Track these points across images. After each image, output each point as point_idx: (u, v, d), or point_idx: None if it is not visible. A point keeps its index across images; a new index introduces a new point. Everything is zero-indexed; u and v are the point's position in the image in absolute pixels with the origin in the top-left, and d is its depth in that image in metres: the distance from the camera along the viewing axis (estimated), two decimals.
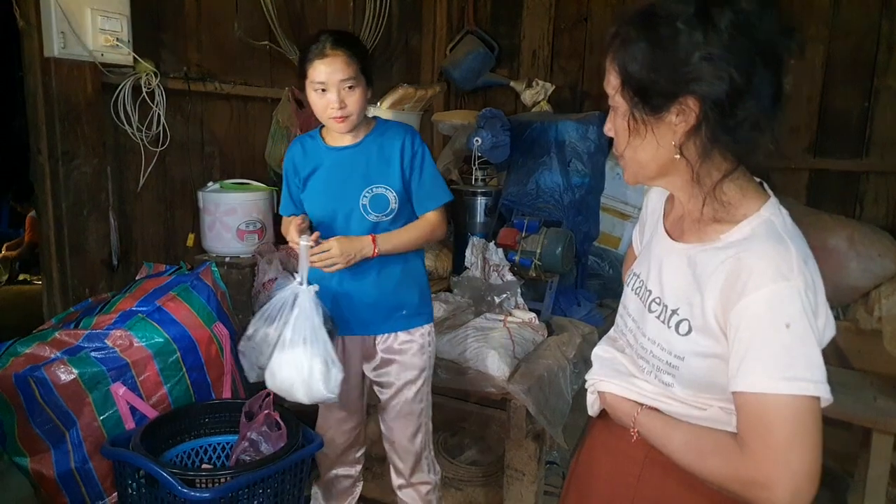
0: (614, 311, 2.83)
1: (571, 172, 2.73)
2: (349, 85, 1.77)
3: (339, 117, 1.79)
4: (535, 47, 4.17)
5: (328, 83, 1.76)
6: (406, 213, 1.92)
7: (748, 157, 0.95)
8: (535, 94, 3.69)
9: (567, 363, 2.28)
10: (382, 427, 2.07)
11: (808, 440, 0.86)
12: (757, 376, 0.87)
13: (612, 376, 1.12)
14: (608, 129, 1.04)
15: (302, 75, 1.82)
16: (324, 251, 1.79)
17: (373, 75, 1.85)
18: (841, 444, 2.56)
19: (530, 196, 2.78)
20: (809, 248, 0.94)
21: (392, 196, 1.87)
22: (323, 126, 1.93)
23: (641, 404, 1.07)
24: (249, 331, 1.83)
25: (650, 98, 0.94)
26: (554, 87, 3.89)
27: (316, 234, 1.81)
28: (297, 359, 1.75)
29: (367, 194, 1.85)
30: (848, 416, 2.22)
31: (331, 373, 1.78)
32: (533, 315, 2.41)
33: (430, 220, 1.93)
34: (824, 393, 0.87)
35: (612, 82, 0.99)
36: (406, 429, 2.02)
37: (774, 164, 1.01)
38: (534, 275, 2.61)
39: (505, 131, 2.81)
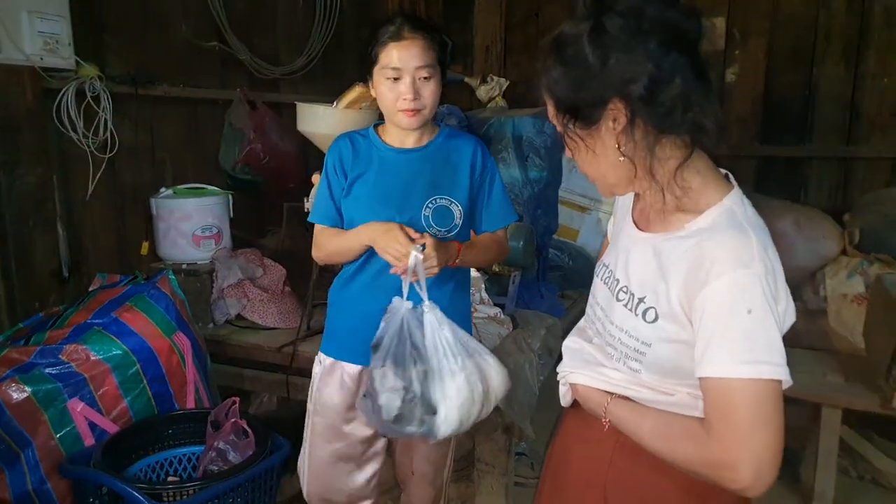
0: (576, 301, 2.90)
1: (529, 167, 2.75)
2: (425, 74, 1.56)
3: (412, 110, 1.57)
4: (487, 43, 4.19)
5: (403, 70, 1.55)
6: (465, 232, 1.70)
7: (697, 137, 0.97)
8: (490, 89, 3.70)
9: (533, 355, 2.30)
10: (401, 459, 1.87)
11: (770, 422, 0.89)
12: (720, 362, 0.90)
13: (581, 367, 1.15)
14: (567, 153, 1.08)
15: (370, 61, 1.60)
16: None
17: (447, 70, 1.65)
18: (792, 419, 2.66)
19: None
20: (770, 236, 0.97)
21: (457, 211, 1.65)
22: (378, 124, 1.72)
23: (611, 394, 1.09)
24: (373, 386, 1.46)
25: (580, 114, 0.98)
26: (508, 82, 3.91)
27: (426, 238, 1.50)
28: (470, 379, 1.44)
29: (430, 205, 1.63)
30: (799, 392, 2.31)
31: (497, 364, 1.51)
32: (498, 310, 2.42)
33: (501, 240, 1.76)
34: (784, 376, 0.90)
35: (549, 111, 1.04)
36: (436, 460, 1.85)
37: (724, 152, 1.05)
38: (497, 269, 2.62)
39: (462, 127, 2.81)
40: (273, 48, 3.30)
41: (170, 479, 1.96)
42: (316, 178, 2.24)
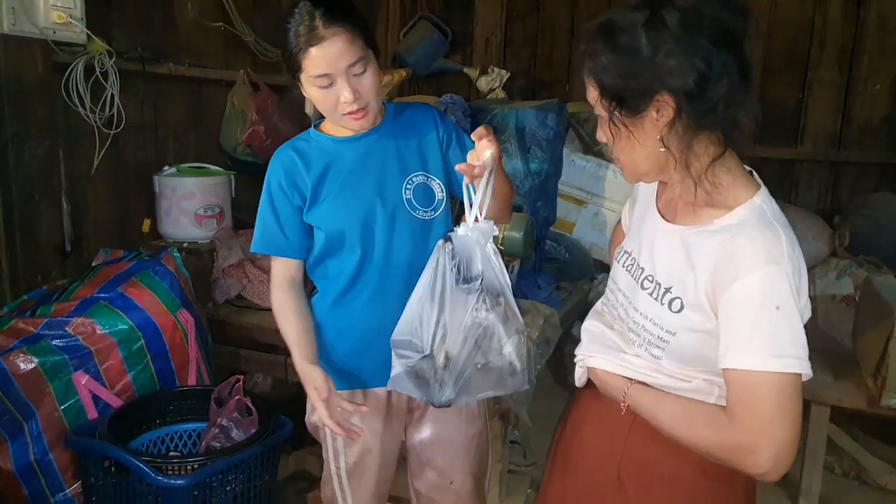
0: (571, 293, 2.94)
1: (531, 159, 2.78)
2: (358, 70, 1.36)
3: (357, 112, 1.39)
4: (488, 34, 4.20)
5: (333, 74, 1.34)
6: (449, 208, 1.54)
7: (731, 135, 1.01)
8: (490, 80, 3.73)
9: (531, 344, 2.34)
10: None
11: (791, 412, 0.94)
12: (748, 354, 0.94)
13: (601, 352, 1.17)
14: (600, 136, 1.10)
15: (293, 69, 1.38)
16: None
17: (377, 44, 1.45)
18: None
19: None
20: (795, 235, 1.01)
21: (437, 185, 1.50)
22: (317, 123, 1.56)
23: (631, 379, 1.12)
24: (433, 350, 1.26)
25: (627, 102, 1.00)
26: (509, 74, 3.94)
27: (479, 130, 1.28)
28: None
29: (408, 186, 1.47)
30: None
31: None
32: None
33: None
34: (806, 370, 0.95)
35: (591, 94, 1.06)
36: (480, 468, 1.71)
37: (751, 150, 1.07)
38: None
39: (466, 117, 2.83)
40: (277, 31, 3.30)
41: (171, 454, 1.98)
42: None
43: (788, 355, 0.93)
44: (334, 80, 1.35)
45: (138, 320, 1.94)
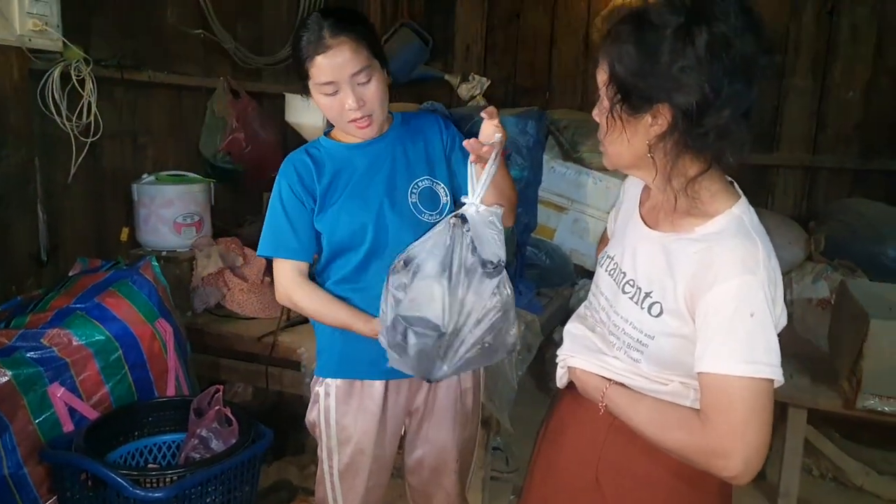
0: (552, 299, 2.95)
1: (511, 166, 2.79)
2: (363, 79, 1.42)
3: (362, 119, 1.45)
4: (468, 42, 4.23)
5: (339, 81, 1.41)
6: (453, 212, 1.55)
7: (718, 159, 1.02)
8: (471, 88, 3.75)
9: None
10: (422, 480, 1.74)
11: (762, 417, 0.96)
12: (722, 358, 0.96)
13: (582, 353, 1.19)
14: (595, 114, 1.11)
15: (301, 75, 1.46)
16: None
17: (385, 53, 1.51)
18: None
19: None
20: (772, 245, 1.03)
21: (441, 190, 1.56)
22: (327, 131, 1.62)
23: (610, 380, 1.14)
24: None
25: (630, 99, 1.01)
26: (490, 81, 3.96)
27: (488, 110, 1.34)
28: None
29: (414, 190, 1.53)
30: None
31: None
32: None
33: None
34: (778, 376, 0.97)
35: (601, 75, 1.06)
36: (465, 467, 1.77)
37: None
38: None
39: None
40: (257, 38, 3.29)
41: (150, 466, 1.95)
42: None
43: (761, 362, 0.95)
44: (339, 87, 1.42)
45: (116, 330, 1.91)
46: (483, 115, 1.32)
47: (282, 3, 3.46)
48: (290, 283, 1.55)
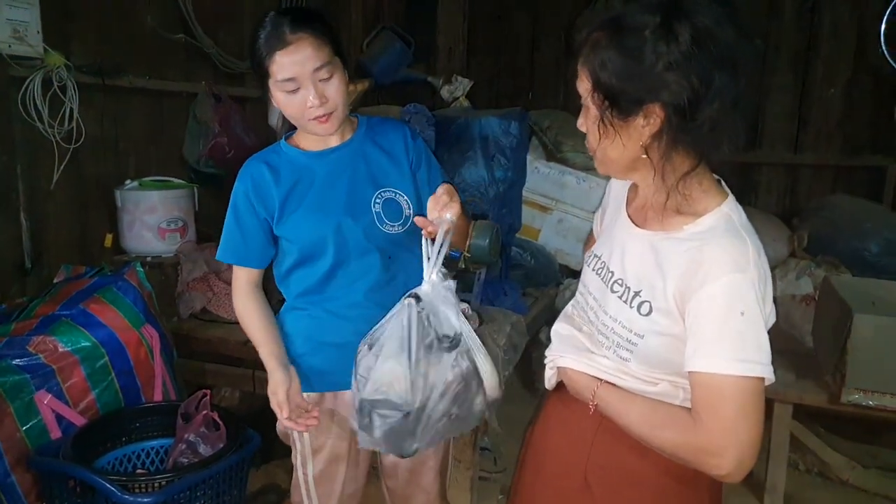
0: (538, 299, 2.96)
1: (495, 167, 2.80)
2: (325, 75, 1.39)
3: (323, 116, 1.42)
4: (451, 44, 4.24)
5: (299, 78, 1.38)
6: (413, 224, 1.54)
7: (709, 154, 1.02)
8: (454, 89, 3.76)
9: (499, 350, 2.35)
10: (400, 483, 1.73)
11: (754, 415, 0.96)
12: (713, 358, 0.97)
13: (571, 352, 1.19)
14: (581, 124, 1.11)
15: (260, 74, 1.43)
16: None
17: (346, 54, 1.49)
18: None
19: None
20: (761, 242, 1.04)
21: (404, 201, 1.52)
22: (288, 135, 1.57)
23: (600, 379, 1.14)
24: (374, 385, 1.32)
25: (619, 104, 1.00)
26: (472, 83, 3.97)
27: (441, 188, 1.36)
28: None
29: (377, 200, 1.49)
30: None
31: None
32: (466, 305, 2.46)
33: None
34: (769, 374, 0.97)
35: (583, 85, 1.05)
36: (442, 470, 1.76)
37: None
38: (463, 266, 2.66)
39: (430, 126, 2.85)
40: (239, 42, 3.28)
41: (138, 472, 1.94)
42: None
43: (752, 360, 0.96)
44: (301, 83, 1.39)
45: (101, 337, 1.91)
46: (433, 199, 1.33)
47: (263, 7, 3.45)
48: (237, 289, 1.57)
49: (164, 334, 2.11)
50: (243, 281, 1.57)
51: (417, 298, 1.32)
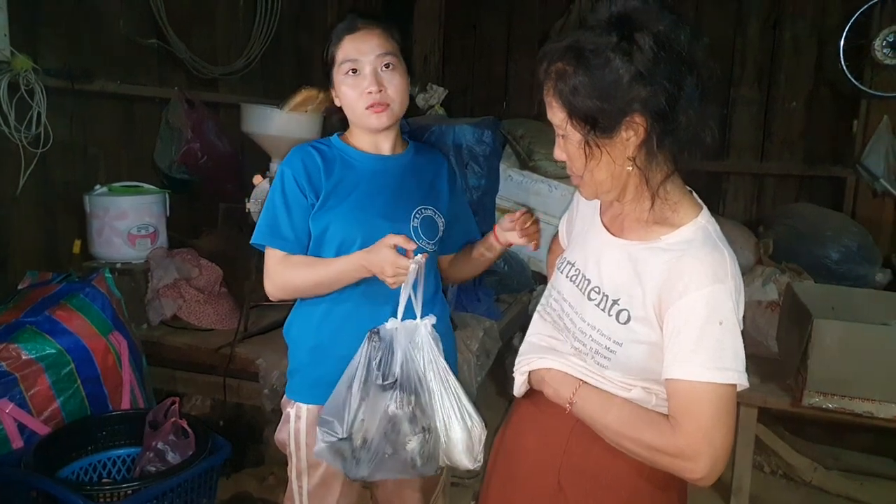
0: (511, 305, 2.98)
1: (469, 174, 2.83)
2: (388, 61, 1.43)
3: (379, 104, 1.43)
4: (426, 52, 4.26)
5: (361, 60, 1.42)
6: (442, 246, 1.61)
7: (691, 153, 1.04)
8: (429, 97, 3.78)
9: (471, 356, 2.37)
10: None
11: (728, 421, 1.00)
12: (693, 366, 0.99)
13: (550, 355, 1.19)
14: (559, 154, 1.12)
15: (328, 64, 1.48)
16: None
17: (413, 66, 1.54)
18: None
19: None
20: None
21: (441, 223, 1.55)
22: (341, 132, 1.58)
23: (581, 380, 1.14)
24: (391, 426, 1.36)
25: (600, 123, 1.02)
26: (447, 91, 4.00)
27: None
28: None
29: (417, 216, 1.51)
30: None
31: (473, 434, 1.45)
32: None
33: None
34: (744, 381, 1.01)
35: (557, 115, 1.07)
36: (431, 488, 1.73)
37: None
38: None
39: (404, 134, 2.87)
40: (212, 48, 3.27)
41: (104, 481, 1.92)
42: (258, 179, 2.23)
43: (730, 368, 0.99)
44: (362, 67, 1.44)
45: (67, 344, 1.88)
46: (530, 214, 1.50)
47: (237, 12, 3.44)
48: (272, 270, 1.50)
49: (132, 341, 2.09)
50: (276, 261, 1.49)
51: (377, 334, 1.41)
